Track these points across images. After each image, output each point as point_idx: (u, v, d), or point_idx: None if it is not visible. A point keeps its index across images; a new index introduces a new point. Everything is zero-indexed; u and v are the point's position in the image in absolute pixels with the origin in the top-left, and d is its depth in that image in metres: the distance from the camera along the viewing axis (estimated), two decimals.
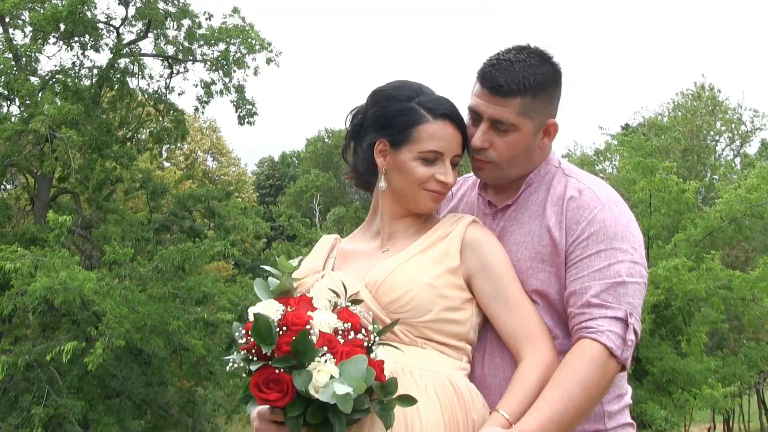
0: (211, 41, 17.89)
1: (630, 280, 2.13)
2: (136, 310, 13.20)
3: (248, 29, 18.02)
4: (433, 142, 2.26)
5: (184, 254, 14.38)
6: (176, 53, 18.15)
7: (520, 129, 2.25)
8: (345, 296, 2.08)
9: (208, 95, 18.60)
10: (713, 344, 18.53)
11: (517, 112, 2.23)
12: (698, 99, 28.60)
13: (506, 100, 2.22)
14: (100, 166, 16.80)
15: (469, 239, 2.25)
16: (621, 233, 2.17)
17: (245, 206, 20.70)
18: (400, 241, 2.33)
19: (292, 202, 41.41)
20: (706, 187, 23.09)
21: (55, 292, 12.19)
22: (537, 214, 2.30)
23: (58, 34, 16.59)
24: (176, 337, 13.94)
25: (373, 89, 2.40)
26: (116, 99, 17.59)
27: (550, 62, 2.28)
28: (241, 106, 18.78)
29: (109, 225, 16.62)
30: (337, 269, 2.38)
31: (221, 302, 14.83)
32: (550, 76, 2.26)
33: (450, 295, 2.18)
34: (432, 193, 2.30)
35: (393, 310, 2.16)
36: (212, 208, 18.53)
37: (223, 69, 18.30)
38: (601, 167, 27.36)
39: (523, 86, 2.21)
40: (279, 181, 49.75)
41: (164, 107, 18.34)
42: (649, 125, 27.83)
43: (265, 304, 1.98)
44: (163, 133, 18.35)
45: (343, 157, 2.49)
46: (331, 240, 2.53)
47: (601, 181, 2.34)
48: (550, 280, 2.23)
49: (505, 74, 2.22)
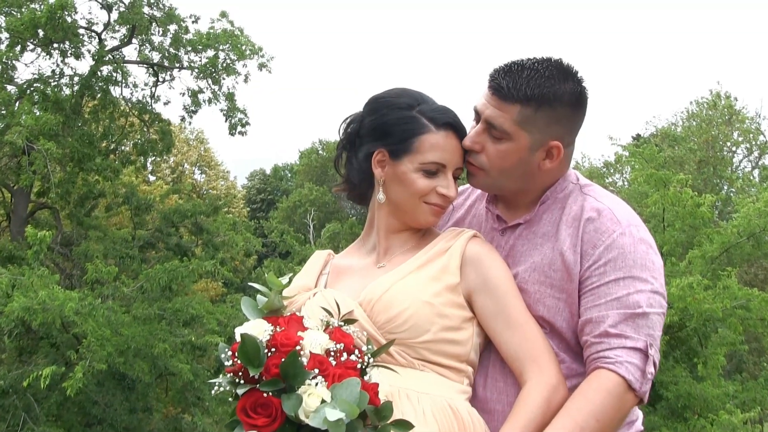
0: (199, 47, 17.92)
1: (650, 311, 2.12)
2: (119, 333, 13.15)
3: (238, 34, 18.08)
4: (435, 153, 2.27)
5: (170, 273, 14.34)
6: (162, 60, 18.19)
7: (514, 139, 2.23)
8: (338, 315, 2.07)
9: (195, 104, 18.63)
10: (731, 367, 18.49)
11: (513, 120, 2.21)
12: (714, 108, 28.66)
13: (505, 105, 2.21)
14: (81, 179, 16.80)
15: (470, 255, 2.25)
16: (641, 260, 2.16)
17: (235, 221, 20.67)
18: (397, 256, 2.33)
19: (285, 217, 41.37)
20: (723, 201, 23.09)
21: (33, 312, 12.14)
22: (550, 236, 2.29)
23: (36, 41, 16.62)
24: (162, 361, 13.88)
25: (371, 97, 2.41)
26: (98, 109, 17.60)
27: (571, 81, 2.23)
28: (232, 116, 18.80)
29: (90, 242, 16.60)
30: (330, 286, 2.38)
31: (209, 324, 14.78)
32: (564, 94, 2.21)
33: (449, 314, 2.18)
34: (433, 207, 2.30)
35: (389, 330, 2.15)
36: (200, 223, 18.52)
37: (211, 76, 18.33)
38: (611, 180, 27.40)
39: (524, 94, 2.19)
40: (271, 195, 49.75)
41: (149, 117, 18.36)
42: (661, 135, 27.90)
43: (253, 324, 1.97)
44: (147, 145, 18.35)
45: (336, 168, 2.49)
46: (324, 256, 2.53)
47: (621, 201, 2.32)
48: (558, 307, 2.23)
49: (510, 77, 2.21)
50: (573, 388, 2.16)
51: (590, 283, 2.17)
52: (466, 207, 2.58)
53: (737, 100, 28.49)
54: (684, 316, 13.42)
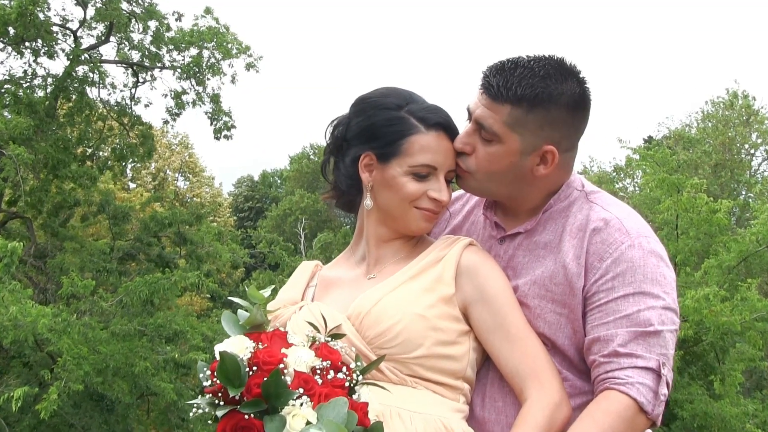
0: (182, 45, 17.93)
1: (662, 329, 2.11)
2: (96, 350, 13.12)
3: (223, 31, 18.10)
4: (425, 155, 2.27)
5: (152, 286, 14.32)
6: (142, 59, 18.19)
7: (503, 142, 2.21)
8: (325, 330, 2.07)
9: (178, 106, 18.63)
10: (751, 385, 18.50)
11: (503, 121, 2.20)
12: (731, 108, 28.74)
13: (495, 105, 2.20)
14: (55, 187, 16.79)
15: (466, 264, 2.25)
16: (651, 274, 2.15)
17: (221, 231, 20.67)
18: (388, 267, 2.33)
19: (274, 226, 41.37)
20: (741, 207, 23.13)
21: (4, 330, 12.11)
22: (552, 246, 2.28)
23: (6, 39, 16.60)
24: (143, 380, 13.85)
25: (358, 97, 2.41)
26: (74, 111, 17.59)
27: (570, 82, 2.21)
28: (217, 118, 18.80)
29: (66, 254, 16.57)
30: (317, 299, 2.38)
31: (194, 340, 14.77)
32: (561, 96, 2.18)
33: (444, 328, 2.17)
34: (424, 212, 2.30)
35: (379, 345, 2.15)
36: (183, 233, 18.50)
37: (195, 77, 18.33)
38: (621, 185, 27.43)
39: (514, 94, 2.17)
40: (259, 203, 49.78)
41: (129, 120, 18.36)
42: (675, 137, 27.94)
43: (234, 341, 1.97)
44: (127, 150, 18.35)
45: (323, 174, 2.49)
46: (311, 267, 2.53)
47: (630, 210, 2.31)
48: (559, 323, 2.22)
49: (501, 75, 2.20)
50: (577, 407, 2.16)
51: (597, 299, 2.16)
52: (464, 213, 2.57)
53: (755, 100, 28.57)
54: (699, 330, 13.42)
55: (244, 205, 49.57)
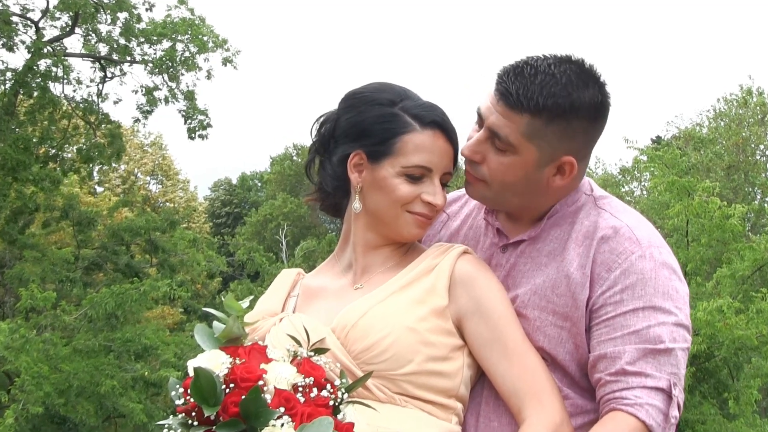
0: (153, 38, 17.94)
1: (673, 346, 2.11)
2: (58, 369, 13.08)
3: (199, 23, 18.12)
4: (419, 155, 2.27)
5: (119, 298, 14.30)
6: (110, 53, 18.19)
7: (519, 153, 2.20)
8: (307, 344, 2.06)
9: (150, 103, 18.63)
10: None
11: (520, 132, 2.18)
12: (744, 106, 28.88)
13: (512, 113, 2.18)
14: (15, 191, 16.72)
15: (460, 274, 2.24)
16: (663, 288, 2.15)
17: (196, 238, 20.66)
18: (377, 275, 2.33)
19: (254, 233, 41.33)
20: (756, 212, 23.23)
21: None
22: (556, 254, 2.27)
23: None
24: (110, 401, 13.81)
25: (348, 92, 2.41)
26: (36, 109, 17.56)
27: (591, 88, 2.20)
28: (192, 117, 18.82)
29: (25, 264, 16.51)
30: (299, 310, 2.38)
31: (166, 356, 14.74)
32: (582, 105, 2.17)
33: (436, 342, 2.16)
34: (417, 217, 2.29)
35: (366, 361, 2.14)
36: (155, 241, 18.48)
37: (168, 72, 18.34)
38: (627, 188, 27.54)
39: (536, 104, 2.15)
40: (238, 208, 49.72)
41: (96, 119, 18.33)
42: (685, 137, 28.03)
43: (209, 356, 1.96)
44: (94, 151, 18.31)
45: (308, 175, 2.49)
46: (292, 275, 2.53)
47: (641, 218, 2.31)
48: (560, 336, 2.22)
49: (521, 82, 2.18)
50: (579, 428, 2.16)
51: (604, 313, 2.16)
52: (462, 216, 2.56)
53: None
54: (712, 345, 13.45)
55: (221, 210, 49.50)
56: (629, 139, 16.38)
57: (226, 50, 18.46)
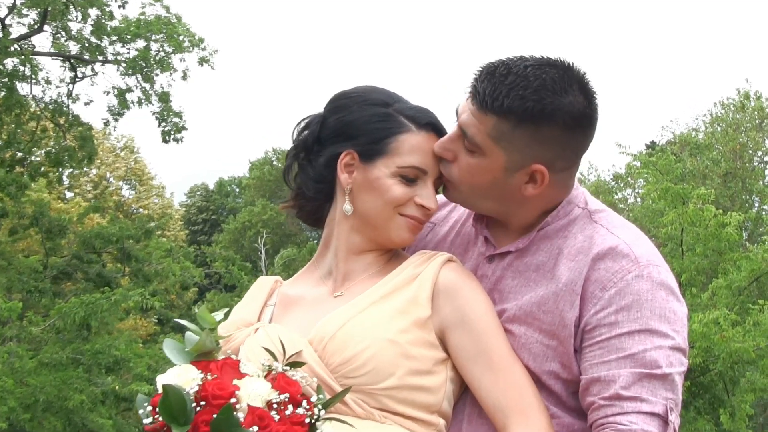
0: (127, 36, 17.90)
1: (670, 371, 2.10)
2: (24, 383, 13.01)
3: (174, 22, 18.09)
4: (415, 156, 2.28)
5: (89, 308, 14.23)
6: (81, 52, 18.13)
7: (486, 155, 2.19)
8: (283, 357, 2.05)
9: (122, 105, 18.58)
10: (765, 420, 18.64)
11: (487, 133, 2.17)
12: (742, 110, 29.03)
13: (480, 113, 2.18)
14: None
15: (444, 283, 2.23)
16: (660, 310, 2.13)
17: (171, 247, 20.60)
18: (358, 283, 2.32)
19: (232, 241, 41.32)
20: (753, 220, 23.38)
21: None
22: (545, 269, 2.26)
23: None
24: (78, 416, 13.75)
25: (336, 94, 2.42)
26: (2, 110, 17.47)
27: (571, 95, 2.16)
28: (166, 119, 18.78)
29: None
30: (276, 320, 2.37)
31: (138, 369, 14.69)
32: (556, 112, 2.13)
33: (418, 355, 2.15)
34: (409, 220, 2.30)
35: (344, 374, 2.13)
36: (127, 249, 18.41)
37: (141, 72, 18.30)
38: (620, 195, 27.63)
39: (500, 105, 2.14)
40: (215, 214, 49.71)
41: (66, 121, 18.27)
42: (680, 143, 28.20)
43: (179, 371, 1.95)
44: (64, 154, 18.25)
45: (285, 180, 2.49)
46: (269, 283, 2.52)
47: (639, 234, 2.29)
48: (546, 355, 2.21)
49: (489, 82, 2.17)
50: None
51: (598, 334, 2.14)
52: (450, 223, 2.55)
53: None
54: (708, 358, 13.51)
55: (197, 217, 49.49)
56: (622, 145, 16.44)
57: (203, 50, 18.45)
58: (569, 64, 2.20)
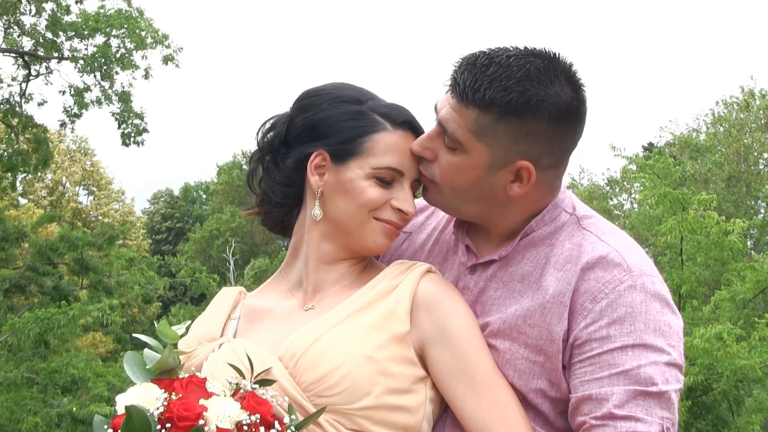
0: (84, 32, 17.84)
1: (666, 389, 2.10)
2: None
3: (136, 16, 18.05)
4: (391, 155, 2.29)
5: (45, 324, 14.14)
6: (35, 48, 18.05)
7: (468, 152, 2.20)
8: (251, 374, 2.05)
9: (80, 105, 18.51)
10: None
11: (468, 128, 2.18)
12: (746, 109, 29.14)
13: (460, 107, 2.19)
14: None
15: (423, 295, 2.24)
16: (655, 323, 2.14)
17: (133, 257, 20.51)
18: (330, 295, 2.33)
19: (198, 250, 41.19)
20: (759, 228, 23.45)
21: None
22: (531, 280, 2.27)
23: None
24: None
25: (304, 91, 2.43)
26: None
27: (557, 86, 2.16)
28: (127, 121, 18.73)
29: None
30: (240, 335, 2.36)
31: (97, 389, 14.61)
32: (541, 104, 2.14)
33: (396, 373, 2.16)
34: (385, 225, 2.31)
35: (317, 393, 2.13)
36: (86, 260, 18.32)
37: (100, 70, 18.24)
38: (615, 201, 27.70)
39: (482, 97, 2.14)
40: (180, 222, 49.56)
41: (19, 122, 18.18)
42: (680, 145, 28.31)
43: (141, 390, 1.95)
44: (16, 158, 18.15)
45: (249, 185, 2.49)
46: (233, 294, 2.52)
47: (631, 242, 2.30)
48: (532, 372, 2.21)
49: (470, 72, 2.18)
50: None
51: (589, 350, 2.15)
52: (428, 230, 2.56)
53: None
54: (710, 376, 13.50)
55: (161, 225, 49.33)
56: (616, 147, 16.39)
57: (167, 47, 18.41)
58: (555, 54, 2.22)
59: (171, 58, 18.46)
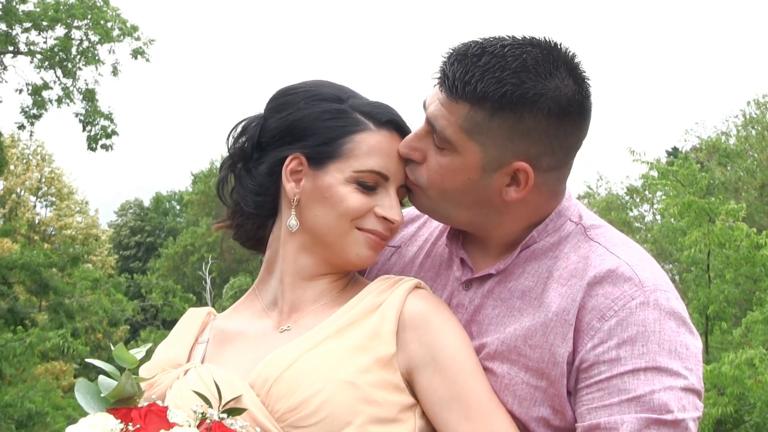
0: (43, 23, 17.87)
1: (683, 417, 2.10)
2: None
3: (101, 5, 18.08)
4: (375, 158, 2.29)
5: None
6: None
7: (459, 152, 2.20)
8: (219, 402, 2.05)
9: (38, 105, 18.53)
10: None
11: (459, 125, 2.18)
12: None
13: (450, 102, 2.19)
14: None
15: (411, 314, 2.24)
16: (670, 344, 2.13)
17: (97, 276, 20.53)
18: (308, 315, 2.33)
19: (172, 268, 41.20)
20: None
21: None
22: (532, 296, 2.27)
23: None
24: None
25: (278, 90, 2.43)
26: None
27: (560, 78, 2.16)
28: (92, 122, 18.75)
29: None
30: (209, 360, 2.36)
31: (56, 425, 14.61)
32: (539, 98, 2.14)
33: (380, 400, 2.15)
34: (369, 236, 2.31)
35: (293, 423, 2.13)
36: (45, 280, 18.32)
37: (61, 65, 18.26)
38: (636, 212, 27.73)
39: (473, 90, 2.14)
40: (151, 236, 49.57)
41: None
42: (708, 149, 28.36)
43: (95, 421, 1.96)
44: None
45: (219, 195, 2.50)
46: (201, 315, 2.52)
47: (643, 253, 2.30)
48: (534, 398, 2.22)
49: (461, 64, 2.18)
50: None
51: (597, 373, 2.15)
52: (419, 242, 2.56)
53: None
54: (741, 407, 13.51)
55: (129, 239, 49.35)
56: (635, 151, 16.34)
57: (137, 39, 18.44)
58: (555, 43, 2.21)
59: (141, 51, 18.50)
